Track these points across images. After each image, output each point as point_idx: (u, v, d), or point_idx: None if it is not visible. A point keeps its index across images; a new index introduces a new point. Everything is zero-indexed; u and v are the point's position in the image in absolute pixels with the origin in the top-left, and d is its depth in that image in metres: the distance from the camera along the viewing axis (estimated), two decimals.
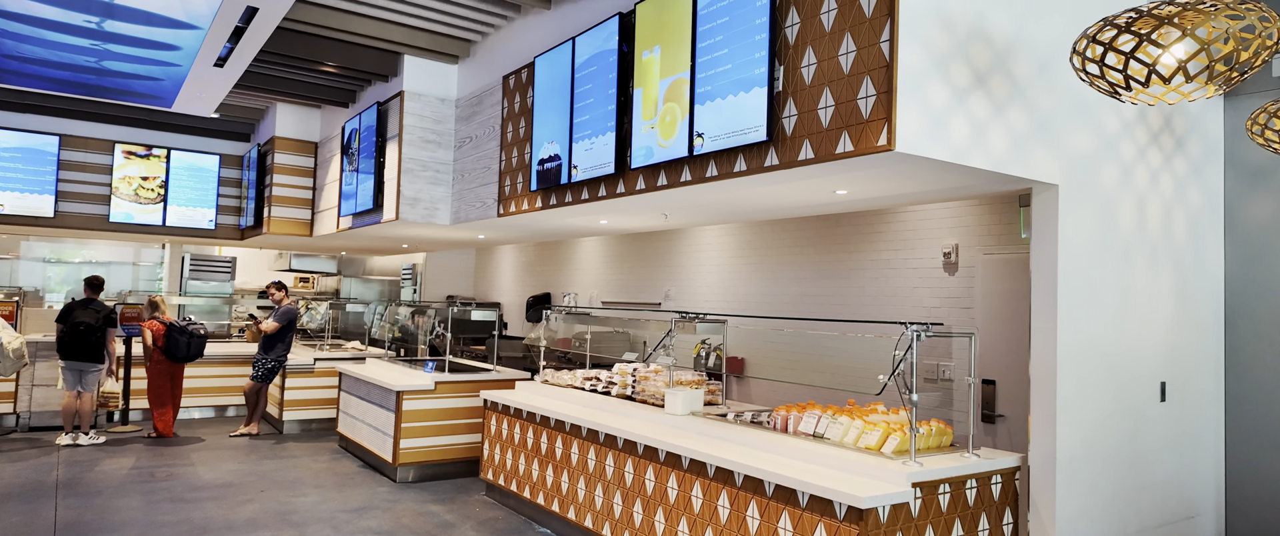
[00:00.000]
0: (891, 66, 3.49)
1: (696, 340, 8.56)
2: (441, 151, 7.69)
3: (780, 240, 7.68)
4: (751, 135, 4.06)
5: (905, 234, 6.56)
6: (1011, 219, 5.83)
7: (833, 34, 3.78)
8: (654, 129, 4.78)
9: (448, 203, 7.71)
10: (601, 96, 5.30)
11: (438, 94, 7.73)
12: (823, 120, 3.80)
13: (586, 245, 10.64)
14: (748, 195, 5.03)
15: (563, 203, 5.85)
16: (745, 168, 4.22)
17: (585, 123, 5.47)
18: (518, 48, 6.71)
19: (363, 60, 7.61)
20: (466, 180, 7.42)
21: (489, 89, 7.10)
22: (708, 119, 4.35)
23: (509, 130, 6.70)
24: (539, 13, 6.46)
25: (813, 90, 3.86)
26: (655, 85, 4.80)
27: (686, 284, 8.81)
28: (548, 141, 5.92)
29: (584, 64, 5.52)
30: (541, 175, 5.99)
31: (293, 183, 10.17)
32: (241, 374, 9.99)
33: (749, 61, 4.09)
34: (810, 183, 4.56)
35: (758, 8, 4.06)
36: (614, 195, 5.28)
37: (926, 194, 5.03)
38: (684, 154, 4.51)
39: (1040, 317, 4.27)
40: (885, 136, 3.49)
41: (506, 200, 6.68)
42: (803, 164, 3.89)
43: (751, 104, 4.06)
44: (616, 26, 5.17)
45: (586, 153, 5.43)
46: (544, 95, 6.02)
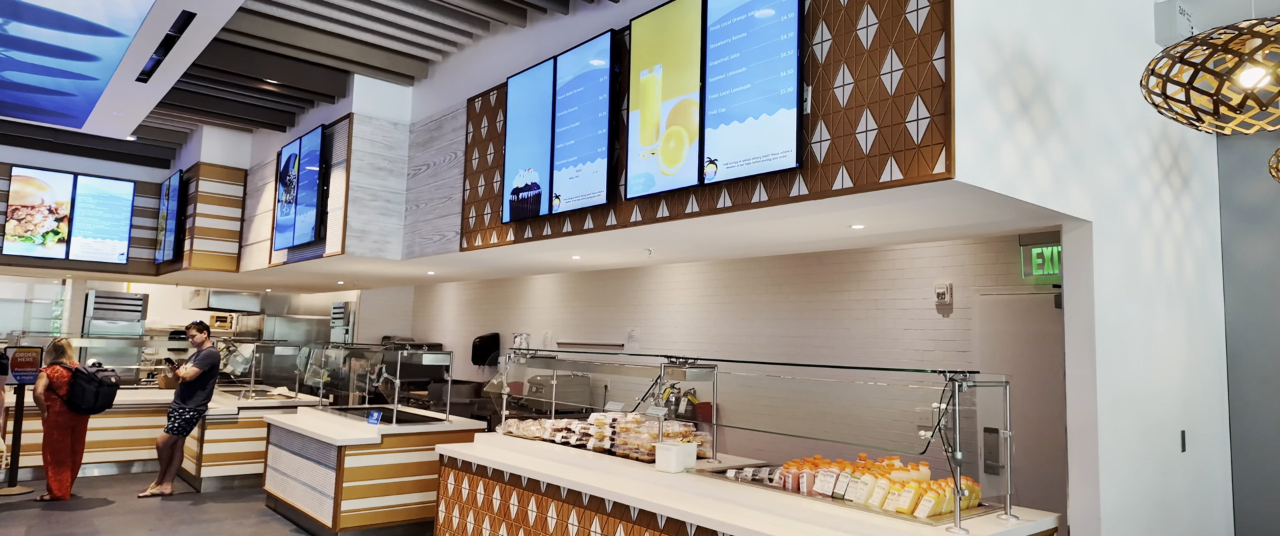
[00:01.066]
0: (948, 86, 3.15)
1: (665, 385, 8.08)
2: (393, 180, 7.06)
3: (755, 278, 7.31)
4: (777, 161, 3.65)
5: (893, 273, 6.27)
6: (1010, 258, 5.61)
7: (873, 51, 3.43)
8: (654, 155, 4.34)
9: (399, 235, 7.06)
10: (589, 120, 4.84)
11: (390, 117, 7.12)
12: (863, 145, 3.42)
13: (540, 282, 10.07)
14: (753, 229, 4.62)
15: (540, 236, 5.33)
16: (766, 198, 3.81)
17: (569, 148, 4.99)
18: (486, 68, 6.20)
19: (308, 78, 6.95)
20: (422, 211, 6.80)
21: (451, 112, 6.55)
22: (722, 144, 3.94)
23: (474, 157, 6.15)
24: (511, 31, 5.98)
25: (849, 112, 3.49)
26: (656, 108, 4.37)
27: (652, 324, 8.33)
28: (523, 169, 5.41)
29: (568, 85, 5.06)
30: (516, 206, 5.46)
31: (218, 213, 9.28)
32: (153, 425, 8.94)
33: (773, 81, 3.71)
34: (829, 216, 4.18)
35: (783, 22, 3.69)
36: (603, 228, 4.79)
37: (938, 231, 4.72)
38: (692, 183, 4.08)
39: (1077, 364, 3.97)
40: (943, 163, 3.13)
41: (471, 233, 6.10)
42: (838, 194, 3.50)
43: (777, 127, 3.67)
44: (608, 44, 4.74)
45: (571, 181, 4.94)
46: (519, 119, 5.52)
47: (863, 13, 3.48)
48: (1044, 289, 5.39)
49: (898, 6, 3.35)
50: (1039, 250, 5.39)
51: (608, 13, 5.02)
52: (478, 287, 11.31)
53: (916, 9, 3.28)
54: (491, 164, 5.93)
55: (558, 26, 5.48)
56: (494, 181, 5.88)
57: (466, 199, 6.20)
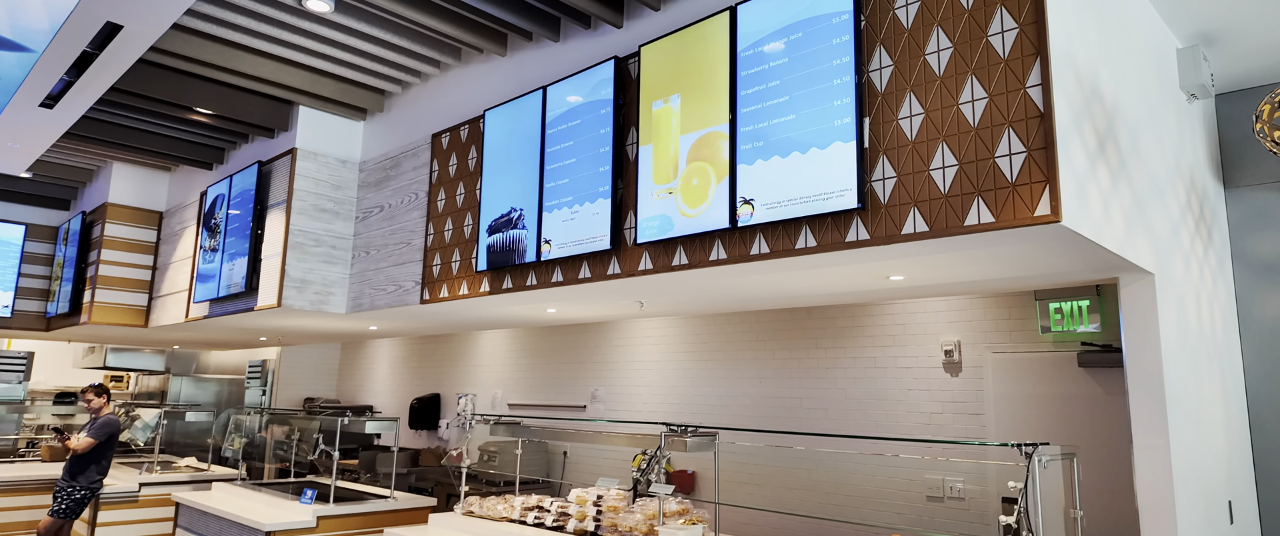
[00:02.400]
0: (1047, 117, 2.75)
1: (634, 451, 7.41)
2: (340, 223, 6.30)
3: (736, 333, 6.81)
4: (832, 201, 3.17)
5: (893, 329, 5.87)
6: (1023, 313, 5.28)
7: (948, 78, 3.02)
8: (672, 195, 3.81)
9: (345, 286, 6.27)
10: (588, 156, 4.29)
11: (339, 154, 6.39)
12: (939, 183, 2.98)
13: (488, 337, 9.31)
14: (781, 281, 4.12)
15: (522, 287, 4.68)
16: (814, 243, 3.31)
17: (562, 188, 4.41)
18: (456, 100, 5.60)
19: (246, 108, 6.17)
20: (374, 258, 6.05)
21: (411, 149, 5.89)
22: (758, 182, 3.44)
23: (440, 198, 5.49)
24: (488, 60, 5.41)
25: (920, 146, 3.06)
26: (673, 142, 3.86)
27: (619, 383, 7.69)
28: (504, 211, 4.79)
29: (561, 117, 4.51)
30: (494, 252, 4.81)
31: (127, 261, 8.21)
32: (34, 505, 7.66)
33: (825, 110, 3.25)
34: (868, 266, 3.72)
35: (836, 46, 3.26)
36: (603, 277, 4.20)
37: (978, 283, 4.33)
38: (720, 226, 3.56)
39: (1147, 433, 3.57)
40: (1046, 204, 2.70)
41: (435, 283, 5.39)
42: (909, 239, 3.04)
43: (831, 163, 3.20)
44: (611, 72, 4.23)
45: (565, 224, 4.35)
46: (498, 155, 4.92)
47: (933, 36, 3.09)
48: (1064, 346, 5.07)
49: (976, 29, 2.97)
50: (1057, 305, 5.09)
51: (608, 39, 4.52)
52: (415, 343, 10.42)
53: (1001, 31, 2.90)
54: (462, 205, 5.29)
55: (545, 55, 4.95)
56: (464, 225, 5.23)
57: (429, 244, 5.51)
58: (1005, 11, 2.90)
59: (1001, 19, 2.90)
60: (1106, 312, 4.93)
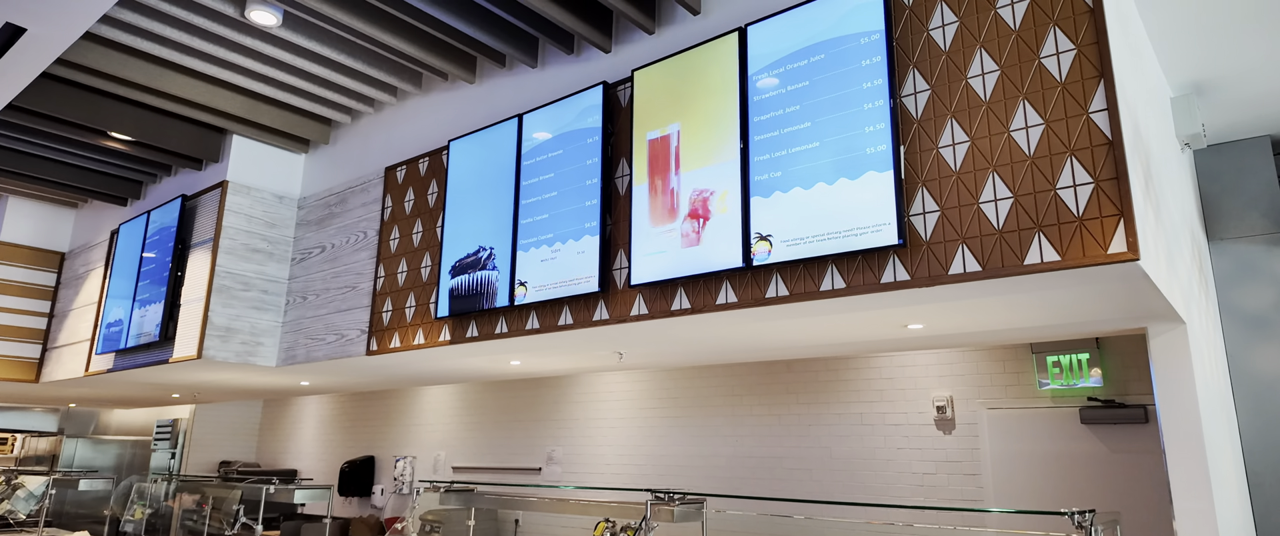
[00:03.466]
0: (1116, 144, 2.47)
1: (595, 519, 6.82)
2: (273, 265, 5.66)
3: (709, 388, 6.38)
4: (867, 238, 2.82)
5: (880, 384, 5.55)
6: (1019, 367, 5.03)
7: (995, 103, 2.74)
8: (672, 232, 3.40)
9: (277, 335, 5.60)
10: (573, 189, 3.86)
11: (276, 189, 5.78)
12: (992, 218, 2.66)
13: (431, 393, 8.62)
14: (769, 328, 3.73)
15: (491, 335, 4.17)
16: (844, 285, 2.94)
17: (541, 224, 3.96)
18: (414, 131, 5.11)
19: (170, 135, 5.53)
20: (312, 304, 5.42)
21: (361, 183, 5.35)
22: (777, 217, 3.07)
23: (393, 237, 4.95)
24: (454, 87, 4.97)
25: (965, 177, 2.75)
26: (672, 174, 3.47)
27: (579, 443, 7.13)
28: (470, 251, 4.29)
29: (540, 148, 4.08)
30: (458, 297, 4.29)
31: (18, 307, 7.28)
32: None
33: (855, 137, 2.92)
34: (883, 313, 3.38)
35: (866, 68, 2.96)
36: (588, 323, 3.74)
37: (993, 333, 4.04)
38: (733, 265, 3.16)
39: (1189, 496, 3.28)
40: (1122, 240, 2.40)
41: (385, 332, 4.81)
42: (957, 280, 2.70)
43: (864, 195, 2.86)
44: (600, 98, 3.84)
45: (543, 265, 3.89)
46: (465, 190, 4.44)
47: (975, 59, 2.81)
48: (1064, 402, 4.82)
49: (1026, 51, 2.70)
50: (1055, 358, 4.85)
51: (593, 65, 4.15)
52: (347, 400, 9.61)
53: (1056, 53, 2.64)
54: (419, 245, 4.76)
55: (520, 82, 4.54)
56: (421, 267, 4.69)
57: (379, 289, 4.94)
58: (1059, 32, 2.64)
59: (1056, 40, 2.65)
60: (1108, 366, 4.72)
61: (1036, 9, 2.71)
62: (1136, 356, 4.65)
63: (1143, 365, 4.62)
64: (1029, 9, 2.73)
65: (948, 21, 2.91)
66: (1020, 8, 2.75)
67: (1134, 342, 4.67)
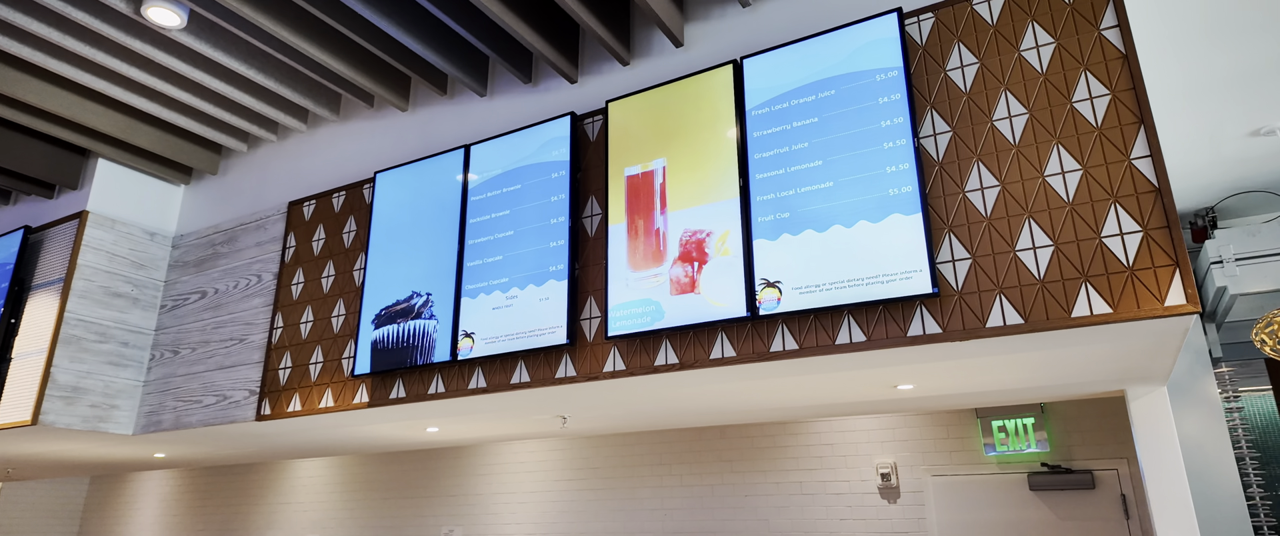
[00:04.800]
0: (1164, 192, 2.36)
1: None
2: (138, 313, 4.78)
3: (634, 456, 5.93)
4: (895, 286, 2.57)
5: (820, 450, 5.32)
6: (963, 432, 4.94)
7: (1026, 147, 2.60)
8: (659, 279, 3.03)
9: (136, 397, 4.69)
10: (533, 228, 3.42)
11: (147, 224, 4.94)
12: (1032, 267, 2.48)
13: (304, 467, 7.62)
14: (759, 388, 3.41)
15: (424, 395, 3.59)
16: (862, 339, 2.66)
17: (492, 267, 3.48)
18: (323, 163, 4.51)
19: (19, 154, 4.62)
20: (185, 360, 4.59)
21: (256, 220, 4.64)
22: (786, 262, 2.78)
23: (297, 281, 4.29)
24: (383, 114, 4.44)
25: (998, 223, 2.57)
26: (656, 214, 3.13)
27: (483, 521, 6.42)
28: (401, 297, 3.73)
29: (491, 183, 3.63)
30: (383, 351, 3.69)
31: None
32: None
33: (876, 178, 2.70)
34: (874, 372, 3.14)
35: (884, 106, 2.76)
36: (552, 381, 3.26)
37: (984, 394, 3.89)
38: (735, 315, 2.82)
39: None
40: (1179, 292, 2.27)
41: (282, 392, 4.09)
42: (996, 333, 2.48)
43: (889, 239, 2.62)
44: (567, 130, 3.47)
45: (496, 313, 3.40)
46: (394, 228, 3.90)
47: (1000, 101, 2.68)
48: (1011, 468, 4.74)
49: (1057, 95, 2.59)
50: (1000, 423, 4.80)
51: (554, 95, 3.78)
52: (199, 476, 8.37)
53: (1089, 97, 2.54)
54: (331, 290, 4.12)
55: (463, 110, 4.09)
56: (333, 316, 4.05)
57: (277, 341, 4.23)
58: (1091, 77, 2.55)
59: (1088, 85, 2.55)
60: (1052, 431, 4.70)
61: (1064, 53, 2.62)
62: (1080, 421, 4.66)
63: (1087, 429, 4.64)
64: (1056, 53, 2.63)
65: (967, 63, 2.78)
66: (1046, 51, 2.65)
67: (1077, 407, 4.69)
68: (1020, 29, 2.72)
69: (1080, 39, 2.61)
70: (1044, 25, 2.68)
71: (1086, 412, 4.63)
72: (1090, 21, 2.61)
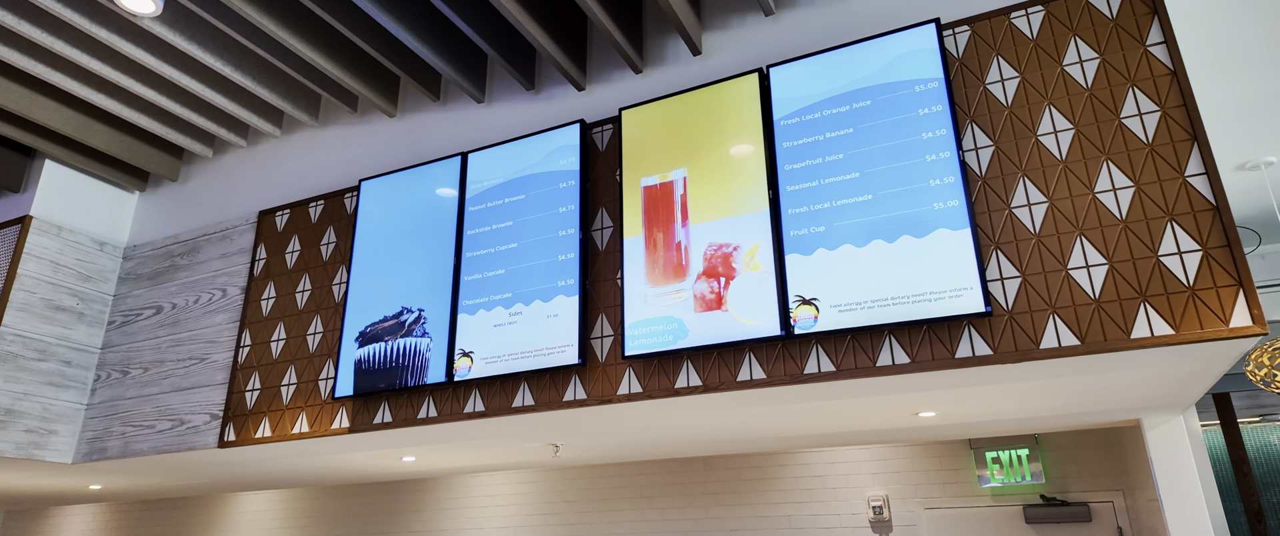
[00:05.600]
0: (1222, 209, 2.30)
1: None
2: (83, 329, 4.37)
3: (613, 488, 5.67)
4: (944, 304, 2.44)
5: (809, 482, 5.16)
6: (957, 464, 4.85)
7: (1073, 163, 2.51)
8: (681, 293, 2.85)
9: (78, 422, 4.26)
10: (539, 241, 3.21)
11: (97, 232, 4.55)
12: (1087, 286, 2.38)
13: (248, 501, 7.12)
14: (782, 413, 3.24)
15: (414, 420, 3.31)
16: (906, 360, 2.52)
17: (494, 282, 3.25)
18: (298, 171, 4.22)
19: None
20: (137, 381, 4.20)
21: (221, 230, 4.31)
22: (823, 278, 2.64)
23: (267, 296, 3.97)
24: (358, 121, 4.18)
25: (1049, 240, 2.47)
26: (677, 227, 2.96)
27: None
28: (389, 313, 3.46)
29: (491, 192, 3.42)
30: (367, 371, 3.41)
31: None
32: None
33: (919, 191, 2.59)
34: (894, 398, 3.01)
35: (924, 118, 2.66)
36: (559, 405, 3.03)
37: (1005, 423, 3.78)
38: (768, 333, 2.66)
39: None
40: (1244, 313, 2.19)
41: (250, 416, 3.75)
42: (1050, 355, 2.36)
43: (936, 254, 2.50)
44: (577, 138, 3.29)
45: (499, 330, 3.16)
46: (381, 239, 3.63)
47: (1044, 116, 2.60)
48: (1005, 500, 4.66)
49: (1104, 111, 2.53)
50: (994, 454, 4.72)
51: (559, 103, 3.60)
52: (132, 511, 7.76)
53: (1139, 113, 2.48)
54: (306, 306, 3.82)
55: (457, 117, 3.87)
56: (309, 333, 3.75)
57: (243, 361, 3.89)
58: (1140, 93, 2.50)
59: (1136, 101, 2.49)
60: (1048, 463, 4.64)
61: (1109, 69, 2.56)
62: (1074, 452, 4.61)
63: (1081, 461, 4.59)
64: (1100, 68, 2.57)
65: (1007, 77, 2.70)
66: (1090, 66, 2.59)
67: (1072, 438, 4.64)
68: (1062, 44, 2.66)
69: (1126, 55, 2.55)
70: (1086, 40, 2.62)
71: (1081, 443, 4.58)
72: (1135, 38, 2.56)
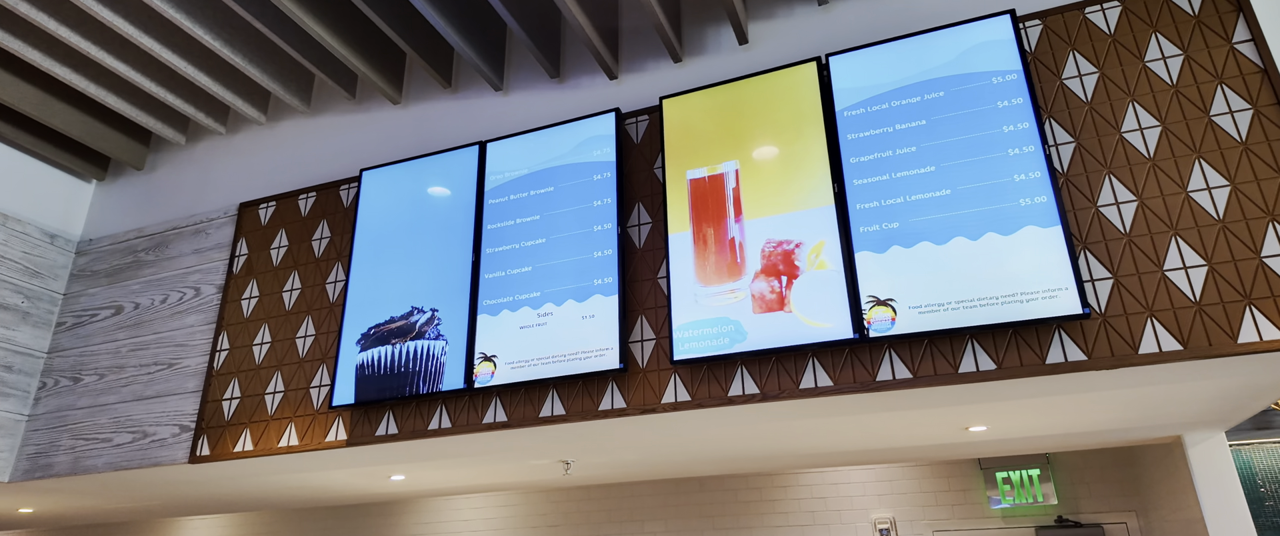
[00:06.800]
0: None
1: None
2: (27, 330, 3.90)
3: (600, 511, 5.37)
4: (1037, 306, 2.28)
5: (812, 504, 4.96)
6: (965, 484, 4.72)
7: (1162, 161, 2.40)
8: (736, 293, 2.63)
9: (17, 434, 3.78)
10: (571, 236, 2.96)
11: (47, 223, 4.10)
12: (1186, 288, 2.25)
13: (193, 527, 6.55)
14: (851, 425, 3.03)
15: (424, 431, 2.99)
16: (992, 366, 2.35)
17: (519, 280, 2.98)
18: (285, 161, 3.87)
19: None
20: (92, 389, 3.75)
21: (191, 224, 3.92)
22: (899, 277, 2.46)
23: (249, 295, 3.59)
24: (355, 109, 3.87)
25: (1141, 240, 2.34)
26: (730, 222, 2.75)
27: None
28: (398, 313, 3.14)
29: (515, 184, 3.15)
30: (371, 377, 3.07)
31: None
32: None
33: (1002, 186, 2.43)
34: (944, 411, 2.85)
35: (1003, 110, 2.52)
36: (595, 415, 2.76)
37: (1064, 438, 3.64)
38: (839, 336, 2.45)
39: None
40: None
41: (227, 428, 3.36)
42: (1150, 360, 2.22)
43: (1023, 253, 2.34)
44: (612, 128, 3.06)
45: (526, 333, 2.88)
46: (386, 234, 3.32)
47: (1128, 112, 2.49)
48: (1016, 521, 4.54)
49: (1193, 109, 2.42)
50: (1005, 474, 4.60)
51: (585, 92, 3.36)
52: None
53: (1229, 112, 2.38)
54: (295, 306, 3.46)
55: (470, 107, 3.59)
56: (299, 336, 3.39)
57: (220, 366, 3.50)
58: (1229, 91, 2.40)
59: (1226, 98, 2.40)
60: (1059, 483, 4.55)
61: (1193, 65, 2.47)
62: (1085, 472, 4.53)
63: (1092, 481, 4.51)
64: (1185, 65, 2.48)
65: (1085, 72, 2.58)
66: (1174, 63, 2.49)
67: (1083, 458, 4.56)
68: (1142, 40, 2.56)
69: (1211, 52, 2.46)
70: (1168, 36, 2.53)
71: (1092, 463, 4.51)
72: (1220, 35, 2.47)
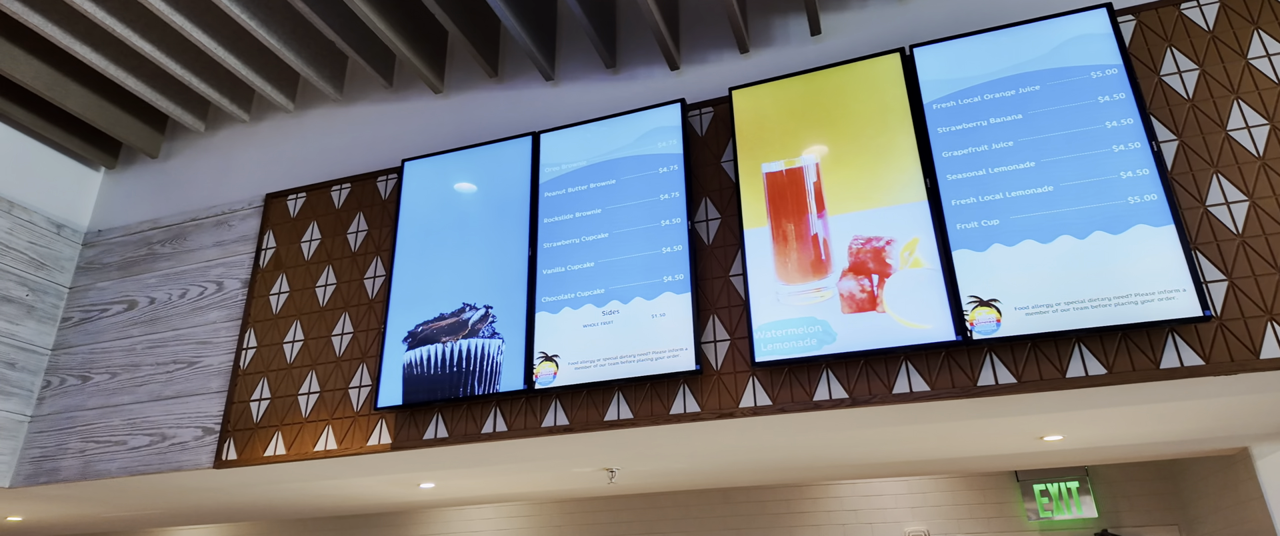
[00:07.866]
0: None
1: None
2: (31, 325, 3.66)
3: (619, 524, 5.20)
4: (1152, 308, 2.17)
5: (842, 516, 4.83)
6: (1001, 497, 4.62)
7: (1274, 160, 2.32)
8: (823, 294, 2.50)
9: (20, 436, 3.53)
10: (636, 231, 2.81)
11: (54, 212, 3.86)
12: None
13: (181, 535, 6.26)
14: (913, 434, 2.91)
15: (478, 435, 2.81)
16: (1103, 371, 2.24)
17: (580, 276, 2.82)
18: (314, 151, 3.69)
19: None
20: (103, 388, 3.52)
21: (212, 215, 3.71)
22: (1002, 277, 2.34)
23: (278, 290, 3.39)
24: (390, 97, 3.69)
25: (1255, 241, 2.25)
26: (812, 218, 2.62)
27: None
28: (449, 309, 2.97)
29: (572, 177, 3.00)
30: (418, 378, 2.89)
31: None
32: None
33: (1110, 183, 2.33)
34: (1011, 421, 2.74)
35: (1105, 105, 2.43)
36: (666, 419, 2.61)
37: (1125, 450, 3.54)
38: (943, 339, 2.33)
39: None
40: None
41: (256, 431, 3.15)
42: (1271, 366, 2.12)
43: (1136, 254, 2.24)
44: (678, 119, 2.92)
45: (589, 331, 2.72)
46: (427, 229, 3.15)
47: (1232, 110, 2.41)
48: (1053, 535, 4.44)
49: None
50: (1042, 487, 4.51)
51: (642, 84, 3.23)
52: None
53: None
54: (331, 302, 3.27)
55: (518, 97, 3.44)
56: (335, 334, 3.20)
57: (248, 365, 3.29)
58: None
59: None
60: (1099, 496, 4.46)
61: None
62: (1125, 485, 4.46)
63: (1133, 494, 4.43)
64: None
65: (1185, 69, 2.50)
66: (1279, 61, 2.42)
67: (1123, 470, 4.49)
68: (1243, 36, 2.48)
69: None
70: (1271, 33, 2.46)
71: (1133, 476, 4.44)
72: None
